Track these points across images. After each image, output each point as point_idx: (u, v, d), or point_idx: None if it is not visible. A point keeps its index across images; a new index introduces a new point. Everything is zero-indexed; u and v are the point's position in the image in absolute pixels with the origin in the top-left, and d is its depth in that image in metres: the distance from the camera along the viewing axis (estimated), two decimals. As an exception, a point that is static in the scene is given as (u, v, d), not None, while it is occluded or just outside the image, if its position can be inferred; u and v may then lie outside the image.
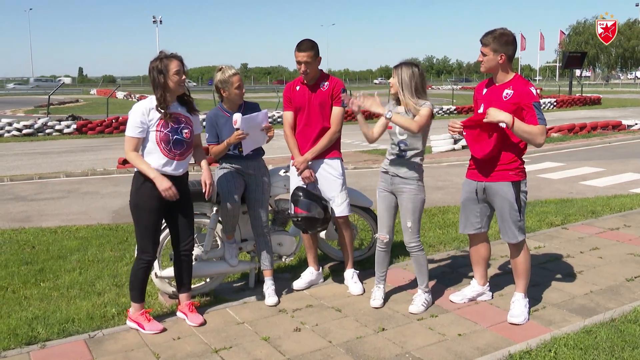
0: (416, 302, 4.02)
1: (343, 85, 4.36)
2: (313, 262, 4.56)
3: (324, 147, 4.27)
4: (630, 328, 3.61)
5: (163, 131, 3.61)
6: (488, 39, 3.65)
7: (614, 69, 72.83)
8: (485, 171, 3.78)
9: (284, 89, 4.51)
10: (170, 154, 3.64)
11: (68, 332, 3.79)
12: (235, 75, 4.08)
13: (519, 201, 3.75)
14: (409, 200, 3.92)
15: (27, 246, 5.95)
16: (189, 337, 3.68)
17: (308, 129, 4.31)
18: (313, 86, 4.27)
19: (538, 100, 3.64)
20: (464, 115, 24.73)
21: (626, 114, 24.04)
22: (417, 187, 3.93)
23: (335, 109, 4.28)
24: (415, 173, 3.93)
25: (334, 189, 4.31)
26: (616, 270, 4.76)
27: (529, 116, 3.59)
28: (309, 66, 4.15)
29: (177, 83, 3.60)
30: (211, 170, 3.91)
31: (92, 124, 18.58)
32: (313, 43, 4.19)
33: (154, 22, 64.49)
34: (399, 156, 3.94)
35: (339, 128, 4.31)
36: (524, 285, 3.89)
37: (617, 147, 13.89)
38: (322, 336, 3.66)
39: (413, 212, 3.92)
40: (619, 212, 6.86)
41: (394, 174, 3.96)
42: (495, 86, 3.75)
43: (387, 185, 4.02)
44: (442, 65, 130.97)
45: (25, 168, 11.65)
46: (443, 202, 8.02)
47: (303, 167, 4.26)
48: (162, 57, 3.60)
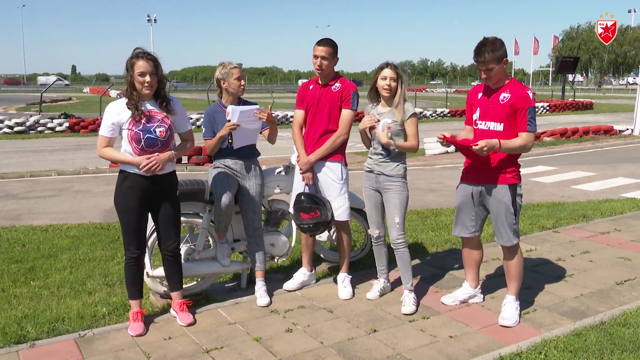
0: (407, 302, 4.03)
1: (355, 88, 4.31)
2: (307, 263, 4.55)
3: (327, 149, 4.24)
4: (620, 331, 3.63)
5: (134, 130, 3.55)
6: (486, 56, 3.60)
7: (606, 74, 73.42)
8: (482, 175, 3.80)
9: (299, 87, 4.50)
10: (143, 152, 3.56)
11: (58, 331, 3.76)
12: (236, 68, 4.19)
13: (515, 204, 3.76)
14: (396, 196, 4.00)
15: (18, 244, 5.91)
16: (180, 337, 3.67)
17: (313, 129, 4.30)
18: (325, 86, 4.26)
19: (533, 105, 3.66)
20: (457, 118, 24.81)
21: (618, 119, 24.22)
22: (402, 184, 4.02)
23: (344, 111, 4.25)
24: (399, 170, 4.01)
25: (332, 193, 4.30)
26: (606, 274, 4.79)
27: (520, 121, 3.61)
28: (325, 62, 4.15)
29: (141, 84, 3.53)
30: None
31: (84, 122, 18.48)
32: (333, 42, 4.21)
33: (149, 21, 64.14)
34: (383, 155, 4.01)
35: (346, 131, 4.27)
36: (515, 288, 3.90)
37: (608, 152, 13.99)
38: (313, 337, 3.66)
39: (400, 207, 4.00)
40: (609, 216, 6.91)
41: (379, 172, 4.03)
42: (491, 90, 3.76)
43: (372, 183, 4.10)
44: (436, 68, 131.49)
45: (17, 166, 11.57)
46: (436, 204, 8.04)
47: (305, 168, 4.26)
48: (133, 55, 3.56)
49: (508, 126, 3.65)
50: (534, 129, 3.63)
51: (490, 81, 3.71)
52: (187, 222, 4.31)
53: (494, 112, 3.69)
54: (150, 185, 3.63)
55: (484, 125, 3.75)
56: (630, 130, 17.66)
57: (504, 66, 3.66)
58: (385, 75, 3.91)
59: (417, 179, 10.10)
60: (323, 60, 4.15)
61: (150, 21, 63.80)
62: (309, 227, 4.19)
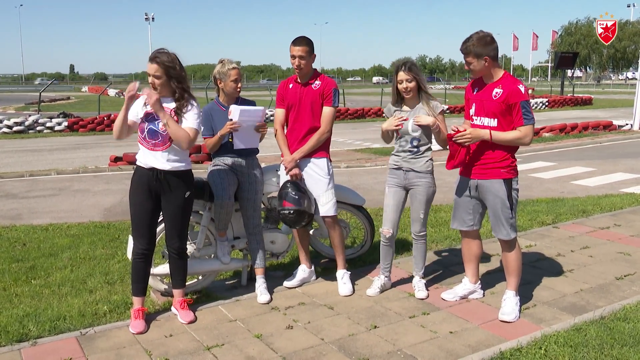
0: (421, 287, 4.24)
1: (335, 85, 4.36)
2: (305, 260, 4.56)
3: (312, 147, 4.25)
4: (620, 326, 3.64)
5: (142, 120, 3.72)
6: (468, 47, 3.67)
7: (605, 69, 73.35)
8: (478, 168, 3.82)
9: (278, 86, 4.50)
10: (145, 142, 3.69)
11: (59, 329, 3.77)
12: (234, 69, 4.15)
13: (511, 198, 3.77)
14: (424, 192, 4.08)
15: (18, 243, 5.92)
16: (181, 334, 3.68)
17: (297, 128, 4.30)
18: (305, 84, 4.27)
19: (527, 98, 3.66)
20: (456, 114, 24.82)
21: (617, 114, 24.21)
22: (431, 180, 4.10)
23: (325, 108, 4.27)
24: (429, 167, 4.08)
25: (319, 188, 4.30)
26: (606, 269, 4.80)
27: (516, 116, 3.63)
28: (302, 61, 4.15)
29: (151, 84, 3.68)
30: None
31: (83, 121, 18.47)
32: (308, 40, 4.21)
33: (147, 19, 63.93)
34: (411, 152, 4.05)
35: (329, 128, 4.30)
36: (515, 283, 3.92)
37: (607, 147, 14.00)
38: (314, 333, 3.67)
39: (427, 203, 4.11)
40: (609, 212, 6.92)
41: (408, 169, 4.07)
42: (485, 85, 3.78)
43: (399, 180, 4.12)
44: (435, 65, 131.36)
45: (16, 165, 11.57)
46: (436, 200, 7.95)
47: (291, 166, 4.27)
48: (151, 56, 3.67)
49: (502, 121, 3.67)
50: (530, 122, 3.64)
51: (473, 74, 3.77)
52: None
53: (488, 108, 3.71)
54: (154, 180, 3.68)
55: (479, 121, 3.78)
56: (629, 125, 17.67)
57: (485, 64, 3.67)
58: (401, 78, 3.96)
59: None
60: (301, 59, 4.14)
61: (148, 19, 63.62)
62: (290, 213, 4.13)
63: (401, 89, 3.99)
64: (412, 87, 3.96)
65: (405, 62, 3.98)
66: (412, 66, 3.96)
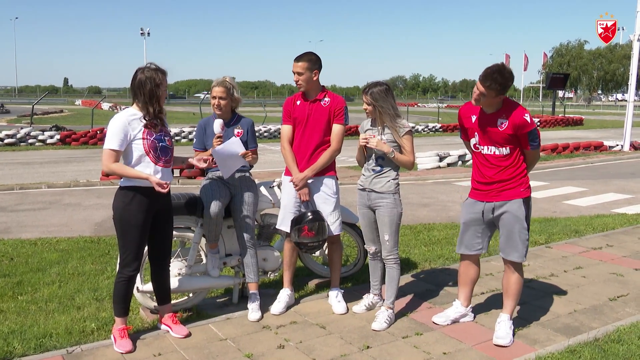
0: (379, 318, 4.00)
1: (344, 102, 4.31)
2: (289, 283, 4.43)
3: (324, 164, 4.20)
4: (614, 348, 3.61)
5: (149, 138, 3.56)
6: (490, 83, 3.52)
7: (595, 91, 74.29)
8: (495, 191, 3.75)
9: (284, 102, 4.45)
10: (159, 161, 3.61)
11: (45, 347, 3.69)
12: (217, 87, 4.17)
13: (528, 218, 3.76)
14: (386, 214, 3.97)
15: (6, 258, 5.82)
16: (170, 353, 3.60)
17: (304, 145, 4.24)
18: (313, 101, 4.22)
19: (534, 126, 3.65)
20: (449, 132, 24.96)
21: (608, 135, 24.47)
22: (393, 201, 3.98)
23: (335, 126, 4.22)
24: (390, 187, 3.98)
25: (327, 208, 4.26)
26: (599, 290, 4.79)
27: (524, 142, 3.67)
28: (301, 77, 4.13)
29: (164, 97, 3.67)
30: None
31: (76, 134, 18.42)
32: (310, 56, 4.16)
33: (142, 34, 64.18)
34: (375, 172, 4.01)
35: (340, 146, 4.25)
36: (511, 307, 3.86)
37: (599, 167, 14.10)
38: (306, 354, 3.61)
39: (390, 225, 3.97)
40: (601, 232, 6.93)
41: (370, 190, 4.02)
42: (485, 114, 3.73)
43: (364, 201, 4.09)
44: (428, 84, 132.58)
45: (6, 178, 11.46)
46: (428, 219, 8.03)
47: (302, 185, 4.18)
48: (156, 69, 3.57)
49: (514, 148, 3.68)
50: (537, 147, 3.71)
51: (480, 103, 3.69)
52: (179, 236, 4.27)
53: (495, 138, 3.68)
54: (158, 199, 3.63)
55: (487, 150, 3.73)
56: (620, 146, 17.84)
57: (498, 101, 3.65)
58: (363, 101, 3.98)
59: (409, 193, 10.11)
60: (299, 75, 4.13)
61: (143, 34, 63.85)
62: (317, 244, 4.14)
63: (364, 109, 3.99)
64: (370, 110, 3.94)
65: (368, 87, 3.94)
66: (373, 92, 3.89)
